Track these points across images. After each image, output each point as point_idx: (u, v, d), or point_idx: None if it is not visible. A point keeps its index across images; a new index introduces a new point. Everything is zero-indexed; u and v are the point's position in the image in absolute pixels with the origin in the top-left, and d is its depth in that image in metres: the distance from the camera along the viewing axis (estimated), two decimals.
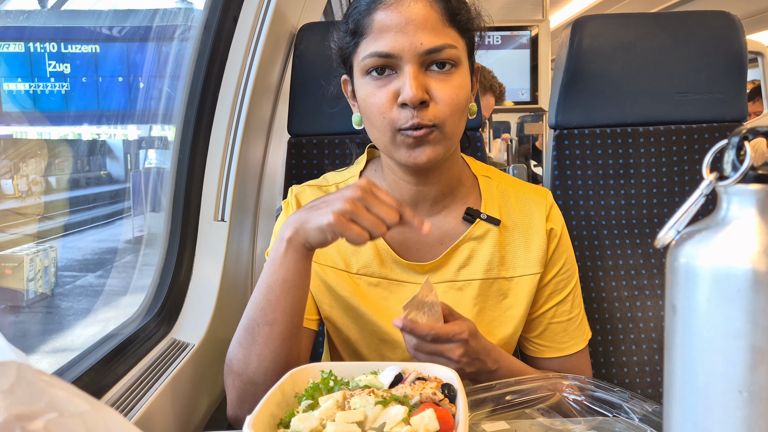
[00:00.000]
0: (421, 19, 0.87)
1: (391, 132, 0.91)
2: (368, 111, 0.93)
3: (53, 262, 1.74)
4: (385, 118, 0.90)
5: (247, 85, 1.37)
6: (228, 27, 1.36)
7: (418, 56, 0.88)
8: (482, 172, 1.09)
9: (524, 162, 4.67)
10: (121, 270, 1.87)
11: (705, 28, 1.43)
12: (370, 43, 0.90)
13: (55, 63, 1.64)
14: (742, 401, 0.42)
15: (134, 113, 1.91)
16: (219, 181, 1.35)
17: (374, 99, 0.91)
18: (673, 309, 0.46)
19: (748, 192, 0.44)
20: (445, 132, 0.91)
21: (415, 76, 0.87)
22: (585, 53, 1.43)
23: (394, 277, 1.03)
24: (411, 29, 0.87)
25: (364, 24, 0.90)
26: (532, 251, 1.03)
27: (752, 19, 4.34)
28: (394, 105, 0.89)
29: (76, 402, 0.36)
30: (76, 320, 1.78)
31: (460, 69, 0.92)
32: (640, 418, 0.75)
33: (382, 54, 0.88)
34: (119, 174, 2.18)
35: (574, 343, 1.07)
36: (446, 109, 0.89)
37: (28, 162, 1.65)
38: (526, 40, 3.61)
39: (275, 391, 0.71)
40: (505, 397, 0.81)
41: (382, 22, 0.88)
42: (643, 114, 1.46)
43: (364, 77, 0.92)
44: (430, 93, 0.89)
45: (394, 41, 0.88)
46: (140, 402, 0.96)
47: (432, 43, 0.87)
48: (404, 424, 0.61)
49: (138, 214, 1.88)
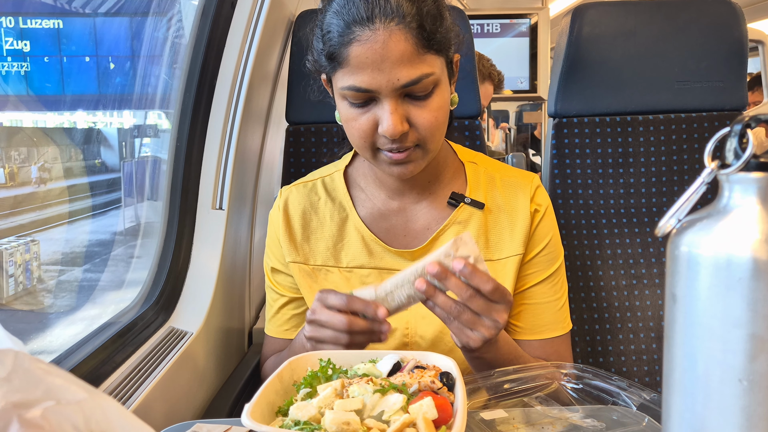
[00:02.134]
0: (396, 54, 0.85)
1: (371, 151, 0.93)
2: (349, 131, 0.94)
3: (35, 256, 1.68)
4: (366, 141, 0.92)
5: (245, 73, 1.36)
6: (225, 13, 1.35)
7: (396, 90, 0.87)
8: (469, 158, 1.10)
9: (523, 151, 4.66)
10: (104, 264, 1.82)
11: (706, 15, 1.42)
12: (347, 75, 0.88)
13: (13, 40, 1.45)
14: (741, 390, 0.41)
15: (106, 97, 1.74)
16: (217, 169, 1.35)
17: (355, 124, 0.91)
18: (674, 297, 0.45)
19: (750, 180, 0.43)
20: (427, 149, 0.93)
21: (394, 111, 0.87)
22: (585, 41, 1.42)
23: (385, 266, 1.03)
24: (387, 66, 0.85)
25: (340, 54, 0.88)
26: (516, 232, 1.03)
27: (753, 7, 4.32)
28: (375, 131, 0.90)
29: (74, 390, 0.36)
30: (57, 319, 1.70)
31: (441, 87, 0.91)
32: (637, 406, 0.75)
33: (361, 89, 0.87)
34: (82, 167, 1.99)
35: (552, 329, 1.05)
36: (427, 133, 0.90)
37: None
38: (525, 28, 3.59)
39: (273, 379, 0.71)
40: (503, 386, 0.81)
41: (357, 58, 0.86)
42: (642, 102, 1.46)
43: (344, 101, 0.92)
44: (410, 120, 0.89)
45: (371, 78, 0.86)
46: (138, 390, 0.96)
47: (409, 77, 0.86)
48: (402, 412, 0.61)
49: (128, 206, 1.82)
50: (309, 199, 1.09)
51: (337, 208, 1.07)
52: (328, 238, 1.07)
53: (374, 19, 0.84)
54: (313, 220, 1.08)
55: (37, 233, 1.72)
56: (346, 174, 1.10)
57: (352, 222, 1.06)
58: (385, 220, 1.06)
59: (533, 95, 3.67)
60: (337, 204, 1.08)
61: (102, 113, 1.92)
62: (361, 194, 1.08)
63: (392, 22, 0.84)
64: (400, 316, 1.01)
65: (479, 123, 1.44)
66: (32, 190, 1.73)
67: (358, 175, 1.10)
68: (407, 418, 0.60)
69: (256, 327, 1.56)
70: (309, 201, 1.09)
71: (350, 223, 1.06)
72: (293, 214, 1.08)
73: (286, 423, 0.63)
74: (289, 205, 1.09)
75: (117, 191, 1.87)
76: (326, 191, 1.09)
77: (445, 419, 0.62)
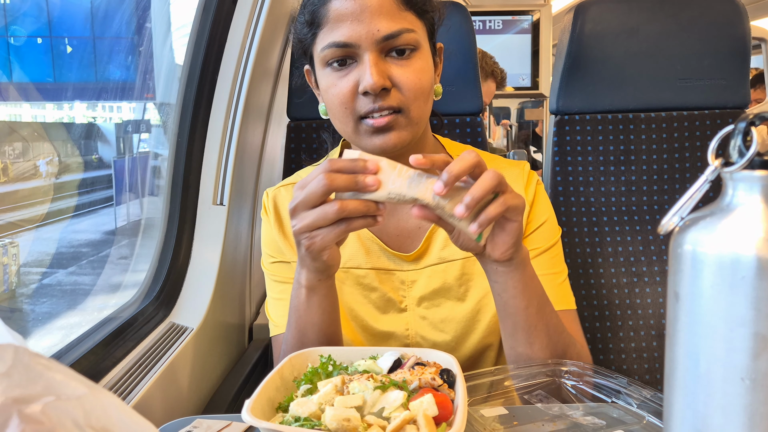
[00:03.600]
0: (376, 5, 0.85)
1: (353, 121, 0.90)
2: (330, 102, 0.92)
3: (14, 259, 1.57)
4: (347, 108, 0.89)
5: (246, 69, 1.36)
6: (227, 9, 1.35)
7: (376, 43, 0.86)
8: (458, 152, 1.08)
9: (524, 148, 4.66)
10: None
11: (708, 13, 1.42)
12: (327, 34, 0.88)
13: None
14: (743, 388, 0.41)
15: (66, 86, 1.49)
16: (218, 165, 1.35)
17: (335, 90, 0.89)
18: (676, 296, 0.45)
19: (754, 178, 0.43)
20: (410, 117, 0.90)
21: (374, 63, 0.86)
22: (587, 38, 1.42)
23: (382, 266, 1.01)
24: (367, 16, 0.85)
25: (320, 14, 0.88)
26: None
27: (756, 4, 4.31)
28: (356, 95, 0.88)
29: (74, 385, 0.35)
30: (34, 326, 1.60)
31: (421, 52, 0.90)
32: (638, 404, 0.75)
33: (340, 44, 0.87)
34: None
35: (555, 301, 0.96)
36: (410, 94, 0.88)
37: None
38: (527, 24, 3.58)
39: (274, 375, 0.71)
40: (504, 383, 0.81)
41: (337, 11, 0.86)
42: (644, 100, 1.45)
43: (324, 68, 0.91)
44: (392, 79, 0.88)
45: (350, 30, 0.86)
46: (139, 386, 0.96)
47: (389, 29, 0.86)
48: (403, 409, 0.61)
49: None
50: None
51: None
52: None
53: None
54: None
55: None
56: None
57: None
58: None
59: (535, 92, 3.67)
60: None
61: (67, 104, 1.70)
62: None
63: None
64: (401, 318, 1.01)
65: (480, 120, 1.44)
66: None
67: None
68: (408, 414, 0.60)
69: (256, 323, 1.56)
70: None
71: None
72: (284, 214, 1.05)
73: (286, 419, 0.63)
74: (279, 206, 1.06)
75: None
76: None
77: (446, 416, 0.62)
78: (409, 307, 1.01)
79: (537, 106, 3.99)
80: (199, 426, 0.78)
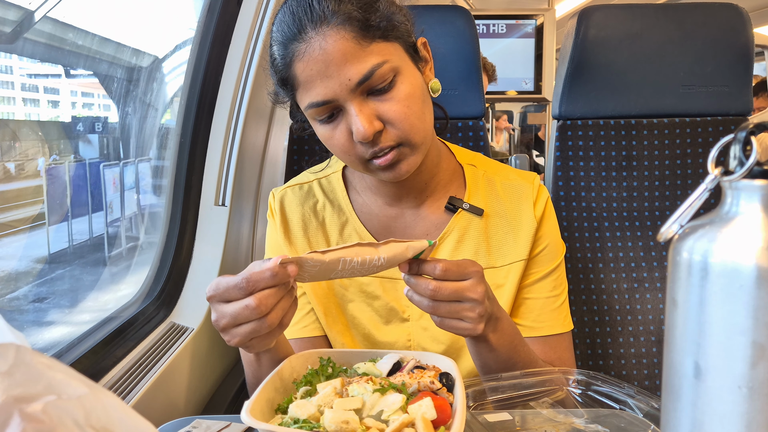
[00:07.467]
0: (338, 55, 0.81)
1: (362, 164, 0.90)
2: (332, 149, 0.91)
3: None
4: (351, 154, 0.89)
5: (249, 69, 1.37)
6: (231, 10, 1.35)
7: (352, 91, 0.83)
8: (467, 160, 1.07)
9: (526, 152, 4.66)
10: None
11: (712, 20, 1.42)
12: (303, 95, 0.86)
13: None
14: (741, 397, 0.41)
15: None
16: (220, 165, 1.35)
17: (333, 141, 0.89)
18: (674, 303, 0.45)
19: (753, 187, 0.43)
20: (413, 144, 0.88)
21: (359, 112, 0.83)
22: (591, 43, 1.42)
23: (386, 275, 1.01)
24: (333, 70, 0.82)
25: (290, 77, 0.86)
26: (521, 238, 1.01)
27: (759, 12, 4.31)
28: (354, 142, 0.87)
29: (75, 385, 0.36)
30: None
31: (402, 75, 0.87)
32: (644, 413, 0.75)
33: (319, 103, 0.85)
34: None
35: (551, 325, 1.02)
36: (404, 126, 0.86)
37: None
38: (530, 29, 3.58)
39: (273, 377, 0.71)
40: (509, 391, 0.81)
41: (303, 73, 0.84)
42: (647, 106, 1.45)
43: (314, 122, 0.90)
44: (381, 118, 0.85)
45: (323, 88, 0.83)
46: (139, 385, 0.96)
47: (360, 73, 0.82)
48: (402, 412, 0.61)
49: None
50: (307, 201, 1.06)
51: (337, 210, 1.04)
52: (329, 242, 1.04)
53: (305, 30, 0.82)
54: (312, 222, 1.04)
55: None
56: (344, 175, 1.07)
57: (353, 226, 1.03)
58: (384, 226, 1.03)
59: (538, 96, 3.67)
60: (336, 207, 1.05)
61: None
62: (359, 198, 1.05)
63: (323, 26, 0.82)
64: (403, 327, 1.01)
65: (483, 124, 1.44)
66: None
67: (354, 178, 1.07)
68: (406, 418, 0.60)
69: None
70: (307, 203, 1.05)
71: (350, 227, 1.03)
72: (291, 218, 1.05)
73: (285, 421, 0.63)
74: (285, 207, 1.05)
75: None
76: (324, 193, 1.06)
77: (444, 420, 0.62)
78: (411, 317, 1.01)
79: (540, 111, 3.99)
80: (198, 426, 0.78)
